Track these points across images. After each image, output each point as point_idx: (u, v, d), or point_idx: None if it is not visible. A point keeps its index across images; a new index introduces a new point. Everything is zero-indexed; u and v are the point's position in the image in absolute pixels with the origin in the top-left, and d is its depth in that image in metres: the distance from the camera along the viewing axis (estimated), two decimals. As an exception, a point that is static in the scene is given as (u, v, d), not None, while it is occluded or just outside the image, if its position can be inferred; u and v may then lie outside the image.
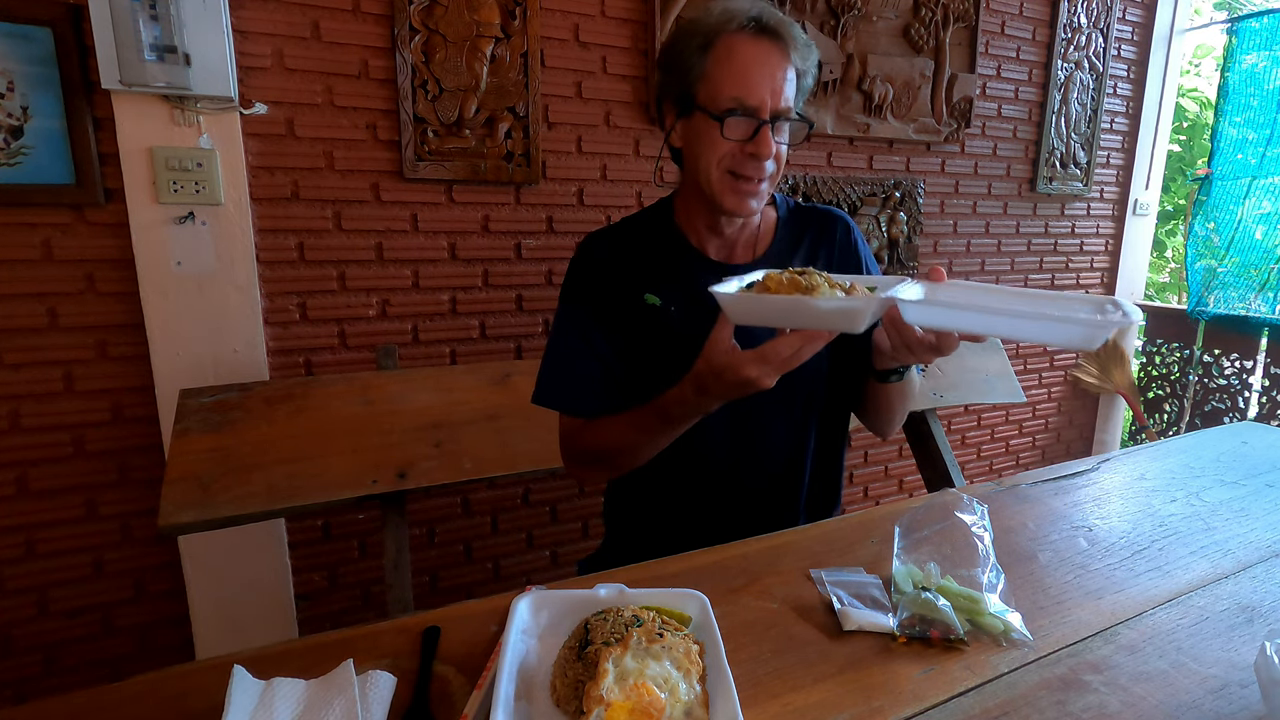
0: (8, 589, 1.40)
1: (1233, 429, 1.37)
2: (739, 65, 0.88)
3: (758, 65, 0.88)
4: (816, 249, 1.04)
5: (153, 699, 0.59)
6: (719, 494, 1.01)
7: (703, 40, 0.90)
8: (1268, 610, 0.75)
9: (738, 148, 0.89)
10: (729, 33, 0.88)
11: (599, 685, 0.52)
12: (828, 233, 1.05)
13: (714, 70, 0.89)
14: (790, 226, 1.04)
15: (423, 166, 1.57)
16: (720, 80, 0.88)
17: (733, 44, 0.88)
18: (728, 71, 0.88)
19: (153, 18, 1.23)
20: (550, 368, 0.99)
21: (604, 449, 0.95)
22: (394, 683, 0.59)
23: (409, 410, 1.38)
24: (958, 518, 0.79)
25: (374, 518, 1.67)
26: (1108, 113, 2.60)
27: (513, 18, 1.59)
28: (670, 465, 0.98)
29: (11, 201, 1.28)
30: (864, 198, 2.15)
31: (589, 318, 0.97)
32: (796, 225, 1.05)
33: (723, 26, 0.89)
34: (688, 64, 0.91)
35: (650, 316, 0.97)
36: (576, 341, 0.97)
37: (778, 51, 0.89)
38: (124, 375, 1.41)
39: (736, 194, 0.92)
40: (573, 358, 0.97)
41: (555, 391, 0.98)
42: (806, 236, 1.04)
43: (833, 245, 1.05)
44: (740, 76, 0.88)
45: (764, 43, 0.88)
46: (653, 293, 0.97)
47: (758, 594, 0.76)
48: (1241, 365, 2.60)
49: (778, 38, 0.89)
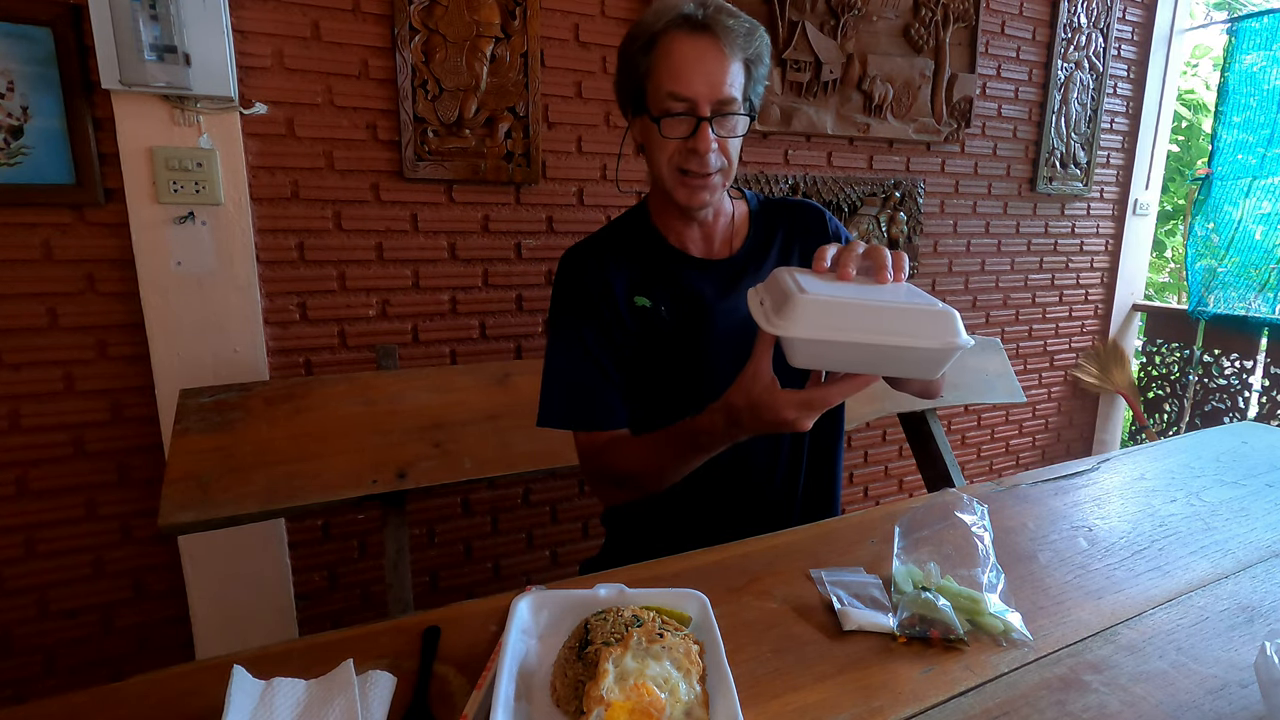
0: (8, 589, 1.40)
1: (1233, 429, 1.37)
2: (675, 63, 0.88)
3: (692, 61, 0.87)
4: (791, 241, 1.05)
5: (153, 699, 0.59)
6: (716, 493, 1.01)
7: (644, 41, 0.90)
8: (1268, 610, 0.75)
9: (681, 145, 0.90)
10: (666, 31, 0.88)
11: (599, 685, 0.52)
12: (801, 224, 1.06)
13: (655, 69, 0.89)
14: (763, 219, 1.05)
15: (423, 166, 1.57)
16: (660, 79, 0.89)
17: (670, 42, 0.88)
18: (665, 70, 0.88)
19: (153, 18, 1.23)
20: (552, 388, 0.98)
21: (629, 472, 0.93)
22: (394, 683, 0.59)
23: (409, 410, 1.38)
24: (958, 518, 0.79)
25: (374, 518, 1.67)
26: (1108, 113, 2.60)
27: (513, 18, 1.59)
28: None
29: (11, 201, 1.28)
30: (864, 198, 2.15)
31: (583, 331, 0.96)
32: (769, 218, 1.06)
33: (659, 25, 0.89)
34: (634, 65, 0.91)
35: (642, 319, 0.97)
36: (575, 357, 0.96)
37: (714, 45, 0.87)
38: (124, 375, 1.41)
39: (687, 188, 0.92)
40: (574, 374, 0.96)
41: (561, 411, 0.97)
42: (780, 229, 1.05)
43: (808, 236, 1.05)
44: (676, 74, 0.87)
45: (700, 38, 0.87)
46: (642, 295, 0.97)
47: (758, 594, 0.76)
48: (1241, 365, 2.60)
49: (712, 31, 0.87)
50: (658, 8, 0.90)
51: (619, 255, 0.99)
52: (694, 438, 0.84)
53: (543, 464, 1.42)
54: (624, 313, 0.97)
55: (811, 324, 0.64)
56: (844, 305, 0.64)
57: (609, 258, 0.99)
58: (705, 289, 0.98)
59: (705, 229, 1.02)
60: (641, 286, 0.98)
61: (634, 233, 1.02)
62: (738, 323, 0.96)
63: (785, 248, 1.04)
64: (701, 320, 0.97)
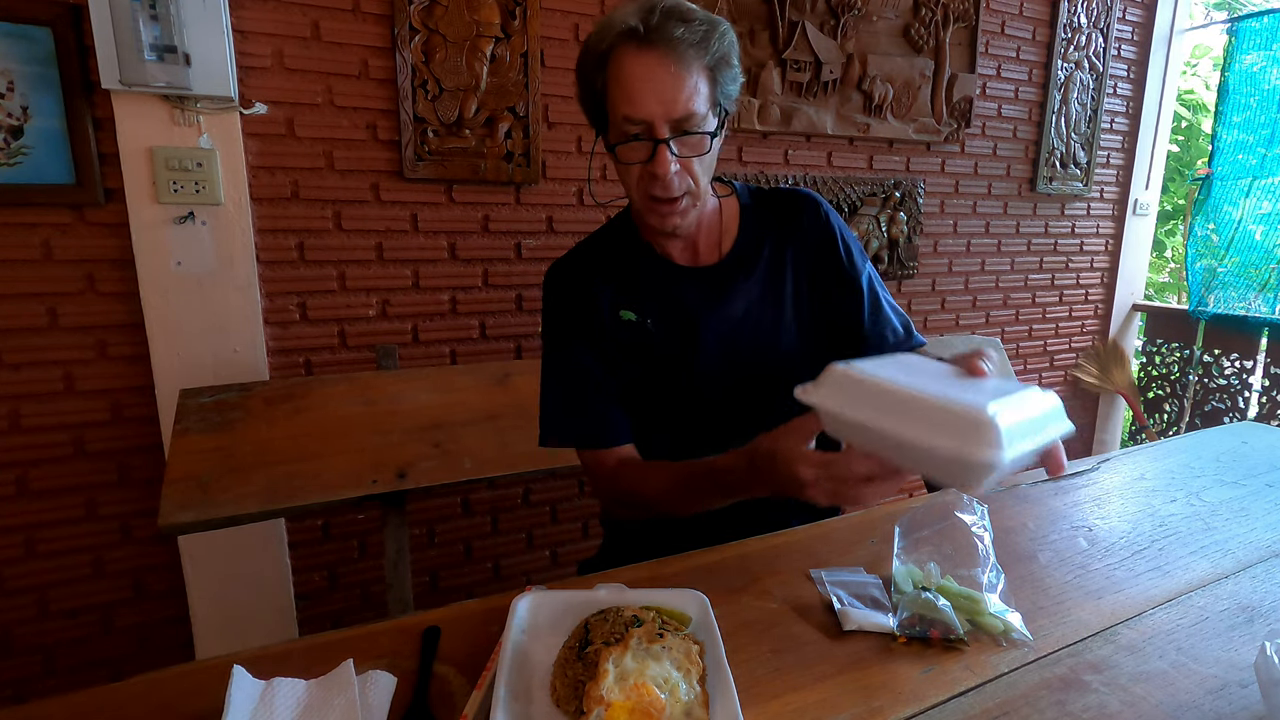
0: (8, 589, 1.40)
1: (1233, 429, 1.37)
2: (625, 83, 0.80)
3: (641, 80, 0.79)
4: (783, 244, 0.97)
5: (153, 699, 0.59)
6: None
7: (594, 60, 0.83)
8: (1268, 610, 0.75)
9: (642, 170, 0.83)
10: (613, 49, 0.81)
11: (599, 685, 0.52)
12: (793, 220, 0.98)
13: (609, 89, 0.82)
14: (753, 217, 0.98)
15: (423, 166, 1.57)
16: (614, 100, 0.82)
17: (619, 61, 0.81)
18: (617, 91, 0.81)
19: (153, 18, 1.23)
20: (550, 407, 0.96)
21: (648, 499, 0.90)
22: (394, 683, 0.59)
23: (409, 410, 1.38)
24: (958, 518, 0.79)
25: (374, 518, 1.67)
26: (1108, 113, 2.60)
27: (513, 18, 1.59)
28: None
29: (11, 201, 1.28)
30: (864, 198, 2.15)
31: (576, 348, 0.95)
32: (760, 215, 0.99)
33: (605, 43, 0.81)
34: (590, 84, 0.85)
35: (629, 332, 0.95)
36: (570, 374, 0.95)
37: (663, 60, 0.79)
38: (124, 375, 1.41)
39: (658, 215, 0.87)
40: (570, 391, 0.95)
41: (562, 429, 0.95)
42: (771, 229, 0.98)
43: (803, 234, 0.97)
44: (628, 95, 0.80)
45: (646, 54, 0.79)
46: (627, 308, 0.94)
47: (758, 594, 0.76)
48: (1241, 365, 2.60)
49: (659, 45, 0.79)
50: (604, 22, 0.82)
51: (603, 268, 0.96)
52: (715, 475, 0.81)
53: (543, 464, 1.42)
54: (611, 327, 0.95)
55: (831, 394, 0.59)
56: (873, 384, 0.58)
57: (593, 271, 0.96)
58: (692, 298, 0.95)
59: (689, 238, 0.96)
60: (627, 300, 0.95)
61: (618, 243, 0.99)
62: (726, 333, 0.94)
63: (777, 251, 0.97)
64: (689, 332, 0.94)
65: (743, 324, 0.95)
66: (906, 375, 0.59)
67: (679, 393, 0.96)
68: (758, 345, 0.96)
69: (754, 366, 0.96)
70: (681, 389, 0.96)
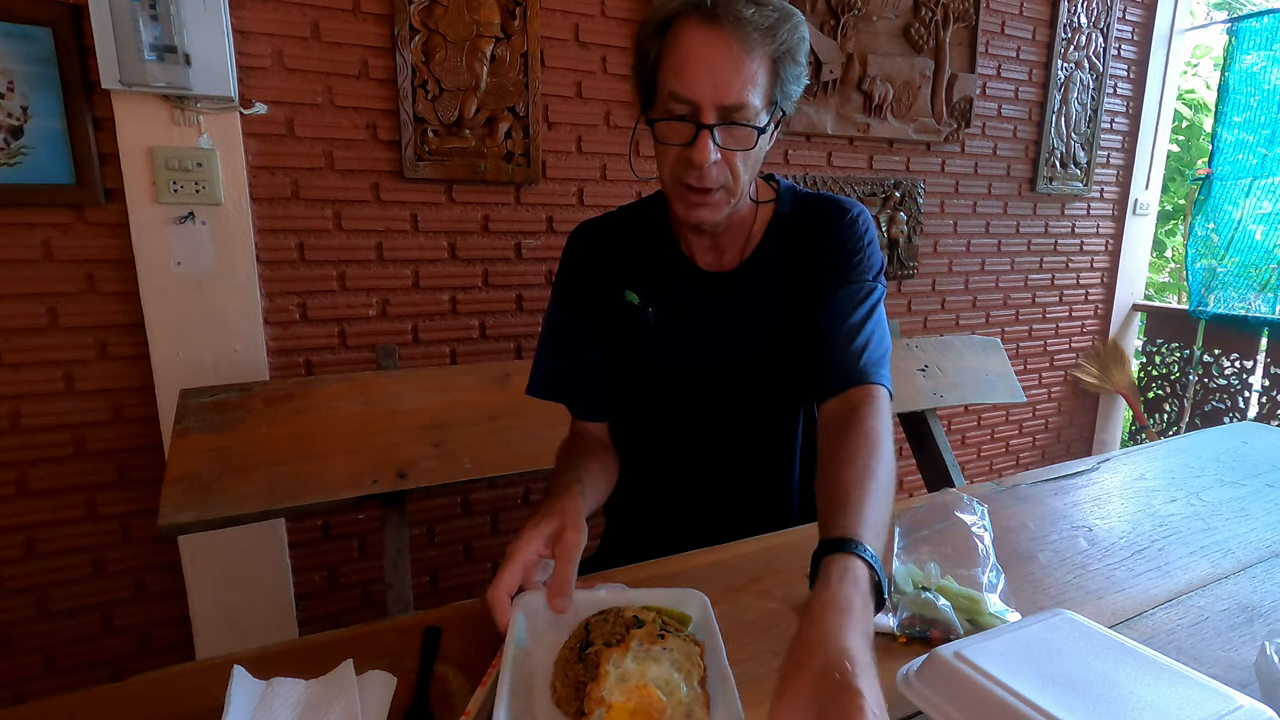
0: (8, 589, 1.40)
1: (1233, 429, 1.37)
2: (680, 57, 0.75)
3: (698, 57, 0.74)
4: (806, 256, 0.91)
5: (153, 699, 0.59)
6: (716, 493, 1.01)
7: (656, 25, 0.78)
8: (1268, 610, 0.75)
9: (680, 153, 0.78)
10: (677, 17, 0.76)
11: (600, 686, 0.52)
12: (814, 229, 0.91)
13: (662, 60, 0.78)
14: (787, 224, 0.92)
15: (423, 166, 1.57)
16: (664, 74, 0.77)
17: (679, 32, 0.76)
18: (671, 64, 0.76)
19: (153, 18, 1.23)
20: (541, 358, 0.99)
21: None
22: (394, 683, 0.59)
23: (409, 410, 1.38)
24: (958, 518, 0.79)
25: (374, 518, 1.67)
26: (1108, 113, 2.60)
27: (513, 18, 1.59)
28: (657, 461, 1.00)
29: (11, 201, 1.28)
30: (864, 198, 2.15)
31: (574, 308, 0.96)
32: (796, 222, 0.92)
33: (671, 6, 0.76)
34: (645, 51, 0.80)
35: (626, 314, 0.95)
36: (564, 336, 0.97)
37: (726, 40, 0.74)
38: (124, 375, 1.41)
39: (686, 204, 0.81)
40: (560, 351, 0.97)
41: (545, 383, 0.99)
42: (803, 236, 0.91)
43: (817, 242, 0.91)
44: (679, 70, 0.75)
45: (710, 30, 0.74)
46: (633, 290, 0.94)
47: (758, 594, 0.76)
48: (1241, 365, 2.60)
49: (725, 22, 0.74)
50: None
51: (624, 245, 0.96)
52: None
53: (543, 464, 1.42)
54: (613, 303, 0.95)
55: (934, 691, 0.51)
56: (983, 690, 0.48)
57: (614, 246, 0.96)
58: (693, 298, 0.94)
59: (715, 237, 0.92)
60: (636, 282, 0.94)
61: (645, 225, 0.97)
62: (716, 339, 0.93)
63: (799, 266, 0.91)
64: (681, 327, 0.94)
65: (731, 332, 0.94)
66: (1033, 668, 0.46)
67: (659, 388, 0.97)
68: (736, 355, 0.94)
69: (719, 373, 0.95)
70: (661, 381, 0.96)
